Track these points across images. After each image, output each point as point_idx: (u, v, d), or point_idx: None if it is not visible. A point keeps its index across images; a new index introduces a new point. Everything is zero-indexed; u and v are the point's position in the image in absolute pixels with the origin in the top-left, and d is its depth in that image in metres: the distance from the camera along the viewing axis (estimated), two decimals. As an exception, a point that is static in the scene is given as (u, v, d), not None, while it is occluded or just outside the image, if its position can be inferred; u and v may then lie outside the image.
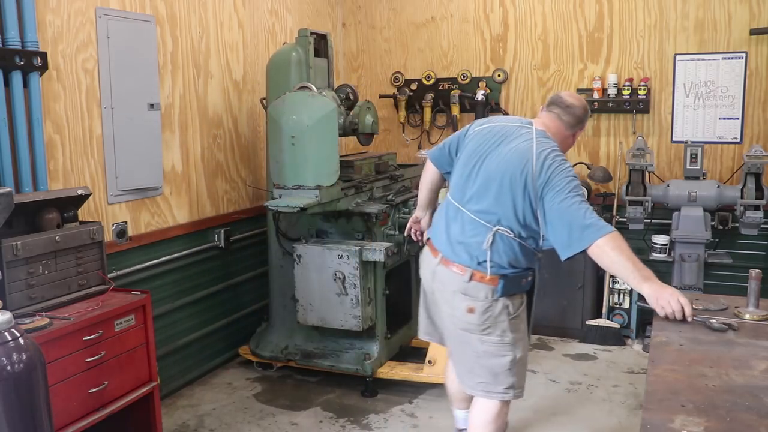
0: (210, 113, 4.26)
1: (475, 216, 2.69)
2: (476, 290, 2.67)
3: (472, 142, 2.83)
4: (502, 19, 5.34)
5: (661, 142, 5.04)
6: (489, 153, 2.74)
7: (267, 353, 4.25)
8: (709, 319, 2.35)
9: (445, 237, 2.79)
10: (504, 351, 2.70)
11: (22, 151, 2.94)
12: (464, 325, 2.71)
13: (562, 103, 2.83)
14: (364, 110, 4.09)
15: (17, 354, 1.99)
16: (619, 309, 4.86)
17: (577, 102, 2.86)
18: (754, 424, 1.64)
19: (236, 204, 4.56)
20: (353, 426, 3.67)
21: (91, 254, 3.00)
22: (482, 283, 2.67)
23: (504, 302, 2.69)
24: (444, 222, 2.82)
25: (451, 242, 2.75)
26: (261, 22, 4.74)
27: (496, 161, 2.70)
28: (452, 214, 2.79)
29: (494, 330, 2.69)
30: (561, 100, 2.85)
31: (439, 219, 2.90)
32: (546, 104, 2.90)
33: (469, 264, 2.68)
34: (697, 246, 4.60)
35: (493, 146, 2.75)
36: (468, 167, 2.78)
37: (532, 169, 2.60)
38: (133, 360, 3.03)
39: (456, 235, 2.74)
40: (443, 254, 2.77)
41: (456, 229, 2.75)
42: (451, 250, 2.74)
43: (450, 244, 2.75)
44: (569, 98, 2.86)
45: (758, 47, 4.72)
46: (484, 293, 2.67)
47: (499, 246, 2.65)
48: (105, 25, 3.43)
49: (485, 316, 2.67)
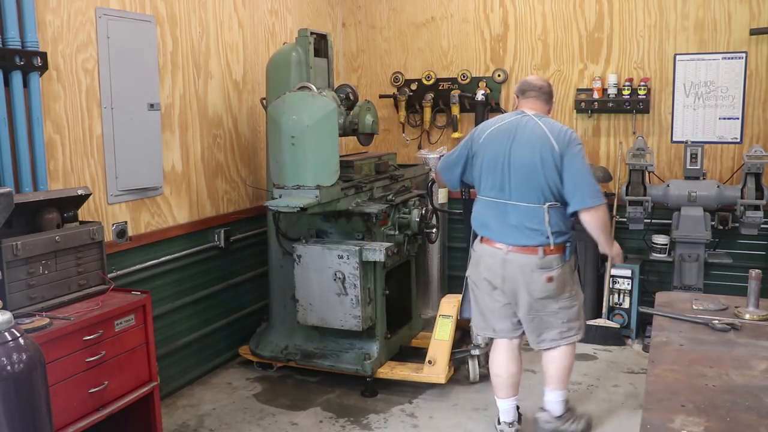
0: (210, 113, 4.26)
1: (526, 203, 3.15)
2: (550, 262, 3.17)
3: (489, 147, 3.23)
4: (502, 19, 5.34)
5: (661, 142, 5.04)
6: (510, 149, 3.17)
7: (267, 353, 4.25)
8: (711, 320, 2.35)
9: (505, 230, 3.21)
10: (574, 301, 3.30)
11: (22, 151, 2.95)
12: (544, 294, 3.20)
13: (534, 87, 3.31)
14: (364, 110, 4.09)
15: (17, 354, 1.99)
16: (619, 309, 4.86)
17: (543, 82, 3.37)
18: (754, 424, 1.64)
19: (236, 204, 4.56)
20: (353, 426, 3.67)
21: (91, 254, 3.00)
22: (553, 254, 3.17)
23: (569, 264, 3.26)
24: (495, 218, 3.23)
25: (514, 231, 3.18)
26: (261, 22, 4.74)
27: (521, 152, 3.15)
28: (500, 209, 3.21)
29: (566, 288, 3.25)
30: (531, 84, 3.33)
31: (486, 218, 3.28)
32: (520, 92, 3.35)
33: (539, 243, 3.15)
34: (697, 246, 4.60)
35: (510, 142, 3.18)
36: (497, 168, 3.20)
37: (553, 145, 3.11)
38: (133, 360, 3.03)
39: (515, 223, 3.17)
40: (511, 243, 3.19)
41: (513, 219, 3.18)
42: (517, 237, 3.18)
43: (513, 233, 3.19)
44: (537, 81, 3.36)
45: (758, 47, 4.72)
46: (556, 262, 3.18)
47: (553, 219, 3.14)
48: (105, 25, 3.43)
49: (561, 280, 3.20)
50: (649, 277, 5.05)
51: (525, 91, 3.31)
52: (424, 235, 4.30)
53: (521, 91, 3.33)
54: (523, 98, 3.32)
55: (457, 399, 3.95)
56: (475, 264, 3.37)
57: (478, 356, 4.11)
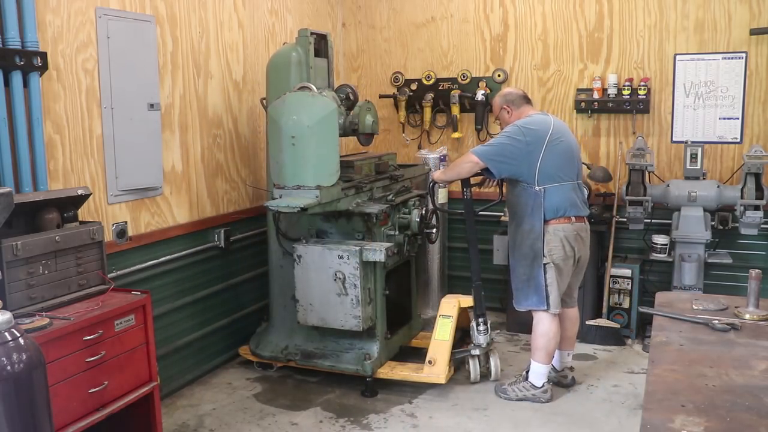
0: (210, 113, 4.27)
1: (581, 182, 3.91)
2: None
3: (561, 140, 3.75)
4: (502, 19, 5.34)
5: (661, 142, 5.04)
6: (570, 140, 3.85)
7: (267, 353, 4.25)
8: (711, 320, 2.35)
9: (583, 206, 3.84)
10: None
11: (22, 151, 2.95)
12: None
13: (526, 94, 4.00)
14: (364, 110, 4.09)
15: (17, 354, 1.99)
16: (619, 309, 4.85)
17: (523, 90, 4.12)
18: (754, 424, 1.64)
19: (236, 204, 4.56)
20: (353, 426, 3.67)
21: (91, 254, 3.00)
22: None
23: None
24: (579, 198, 3.81)
25: (585, 206, 3.87)
26: (261, 22, 4.74)
27: (575, 143, 3.93)
28: (578, 190, 3.83)
29: None
30: (524, 93, 4.00)
31: (574, 199, 3.77)
32: (526, 100, 3.96)
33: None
34: (697, 246, 4.60)
35: (569, 135, 3.87)
36: (572, 157, 3.82)
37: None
38: (133, 360, 3.03)
39: (583, 199, 3.88)
40: (586, 216, 3.89)
41: (582, 196, 3.87)
42: (587, 210, 3.90)
43: (585, 207, 3.87)
44: (521, 90, 4.08)
45: (758, 47, 4.72)
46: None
47: None
48: (105, 25, 3.43)
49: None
50: (649, 277, 5.05)
51: (528, 99, 3.99)
52: (424, 235, 4.30)
53: (527, 100, 3.97)
54: (527, 105, 3.95)
55: (457, 399, 3.95)
56: (560, 245, 3.74)
57: (478, 356, 4.11)
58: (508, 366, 4.39)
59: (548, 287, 3.75)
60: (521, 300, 3.90)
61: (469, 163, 3.80)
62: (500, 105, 3.95)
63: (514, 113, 3.89)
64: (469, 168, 3.83)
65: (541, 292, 3.77)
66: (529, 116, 3.84)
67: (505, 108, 3.92)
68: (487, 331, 4.08)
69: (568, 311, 4.03)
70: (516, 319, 5.02)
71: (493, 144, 3.82)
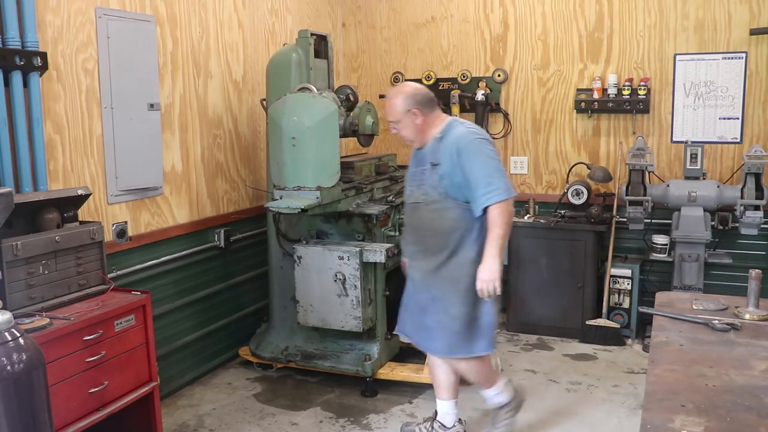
0: (210, 113, 4.27)
1: None
2: None
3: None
4: (502, 19, 5.34)
5: (661, 142, 5.04)
6: None
7: (267, 354, 4.25)
8: (711, 320, 2.35)
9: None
10: None
11: (22, 151, 2.94)
12: None
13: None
14: (365, 111, 4.09)
15: (17, 354, 1.99)
16: (619, 309, 4.86)
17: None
18: (754, 424, 1.64)
19: (236, 204, 4.56)
20: (353, 426, 3.67)
21: (91, 254, 3.00)
22: None
23: None
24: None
25: None
26: (261, 22, 4.74)
27: None
28: None
29: None
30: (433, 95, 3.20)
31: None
32: (434, 105, 3.16)
33: None
34: (697, 246, 4.60)
35: None
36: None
37: None
38: (133, 360, 3.03)
39: None
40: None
41: None
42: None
43: None
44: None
45: (758, 47, 4.72)
46: None
47: None
48: (105, 25, 3.43)
49: None
50: (649, 277, 5.06)
51: (437, 104, 3.18)
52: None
53: (435, 104, 3.16)
54: (438, 108, 3.17)
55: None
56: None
57: (478, 356, 4.10)
58: (508, 366, 4.39)
59: (494, 324, 3.12)
60: (461, 347, 3.11)
61: (509, 211, 3.00)
62: (406, 107, 3.08)
63: (426, 119, 3.10)
64: (511, 215, 3.03)
65: (489, 332, 3.10)
66: (448, 123, 3.11)
67: (414, 112, 3.08)
68: (487, 331, 4.07)
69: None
70: (516, 319, 5.03)
71: (497, 169, 3.01)
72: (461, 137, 3.02)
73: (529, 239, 4.93)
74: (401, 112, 3.10)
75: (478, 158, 2.98)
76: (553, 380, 4.20)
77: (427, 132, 3.12)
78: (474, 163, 2.97)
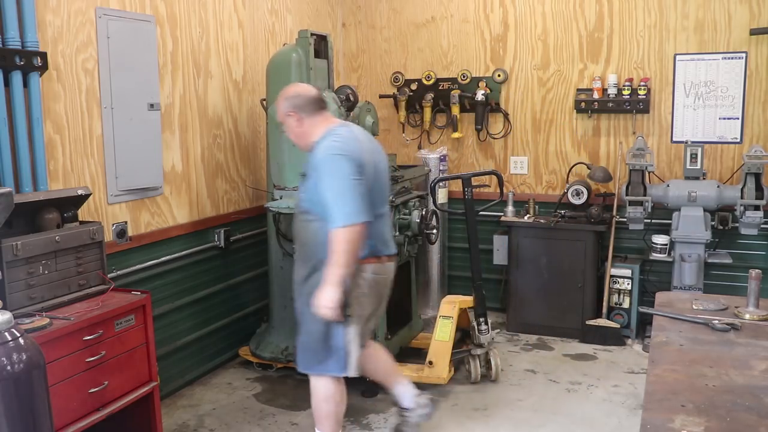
0: (210, 113, 4.26)
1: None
2: None
3: (372, 159, 2.97)
4: (502, 19, 5.34)
5: (661, 142, 5.04)
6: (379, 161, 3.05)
7: (267, 354, 4.25)
8: (711, 320, 2.35)
9: (392, 241, 3.16)
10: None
11: (22, 151, 2.94)
12: None
13: (321, 97, 3.06)
14: (364, 111, 4.09)
15: (17, 354, 1.99)
16: (619, 309, 4.86)
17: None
18: (754, 424, 1.64)
19: (236, 204, 4.56)
20: (353, 426, 3.67)
21: (91, 254, 3.00)
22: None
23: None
24: (385, 231, 3.10)
25: (393, 242, 3.18)
26: (261, 22, 4.74)
27: (384, 165, 3.10)
28: (383, 220, 3.07)
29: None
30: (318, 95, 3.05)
31: (377, 233, 2.99)
32: (320, 105, 3.02)
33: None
34: (697, 246, 4.60)
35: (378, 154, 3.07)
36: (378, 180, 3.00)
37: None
38: (133, 360, 3.03)
39: (390, 234, 3.19)
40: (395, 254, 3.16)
41: (390, 230, 3.21)
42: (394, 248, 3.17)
43: (393, 244, 3.18)
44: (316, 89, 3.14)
45: (758, 47, 4.72)
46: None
47: None
48: (105, 25, 3.43)
49: None
50: (649, 277, 5.06)
51: (321, 105, 3.01)
52: (424, 236, 4.30)
53: (320, 104, 3.00)
54: (322, 111, 3.01)
55: (457, 399, 3.95)
56: (368, 293, 3.00)
57: (478, 356, 4.11)
58: (508, 366, 4.39)
59: (348, 346, 2.97)
60: (312, 363, 3.05)
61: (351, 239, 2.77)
62: (284, 110, 2.99)
63: (306, 123, 2.96)
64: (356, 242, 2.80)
65: (340, 355, 2.97)
66: (326, 131, 2.93)
67: (291, 114, 2.97)
68: (488, 331, 4.09)
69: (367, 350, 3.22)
70: (516, 319, 5.03)
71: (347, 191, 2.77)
72: (321, 151, 2.86)
73: (529, 239, 4.93)
74: (282, 115, 3.02)
75: (329, 177, 2.81)
76: (553, 380, 4.20)
77: (308, 137, 2.97)
78: (325, 182, 2.81)
